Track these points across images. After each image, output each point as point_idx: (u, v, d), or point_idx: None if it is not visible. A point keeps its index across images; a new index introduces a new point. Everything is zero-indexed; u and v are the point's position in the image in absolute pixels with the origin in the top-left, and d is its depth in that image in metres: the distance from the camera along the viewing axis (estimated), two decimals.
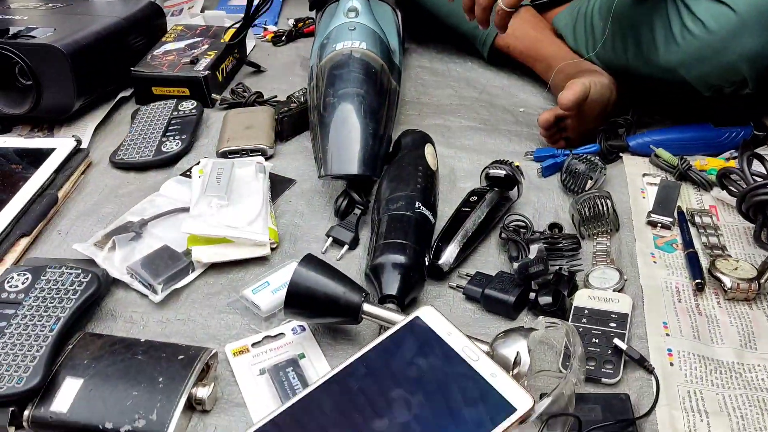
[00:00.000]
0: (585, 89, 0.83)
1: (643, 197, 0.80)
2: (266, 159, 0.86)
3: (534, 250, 0.68)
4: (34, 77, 0.88)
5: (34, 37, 0.91)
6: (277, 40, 1.14)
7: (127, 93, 1.01)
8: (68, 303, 0.62)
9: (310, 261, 0.61)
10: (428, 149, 0.80)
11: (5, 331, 0.59)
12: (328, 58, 0.85)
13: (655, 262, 0.70)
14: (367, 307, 0.60)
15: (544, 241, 0.70)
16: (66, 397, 0.56)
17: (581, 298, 0.65)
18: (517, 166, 0.79)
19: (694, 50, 0.77)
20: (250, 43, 1.12)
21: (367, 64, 0.83)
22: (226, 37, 1.05)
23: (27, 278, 0.64)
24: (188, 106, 0.94)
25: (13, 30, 0.95)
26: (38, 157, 0.84)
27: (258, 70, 1.00)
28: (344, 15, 0.88)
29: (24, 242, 0.74)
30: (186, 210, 0.77)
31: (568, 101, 0.81)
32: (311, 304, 0.60)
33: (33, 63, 0.87)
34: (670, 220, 0.75)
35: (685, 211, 0.77)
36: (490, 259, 0.73)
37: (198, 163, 0.84)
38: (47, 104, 0.90)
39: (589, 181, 0.80)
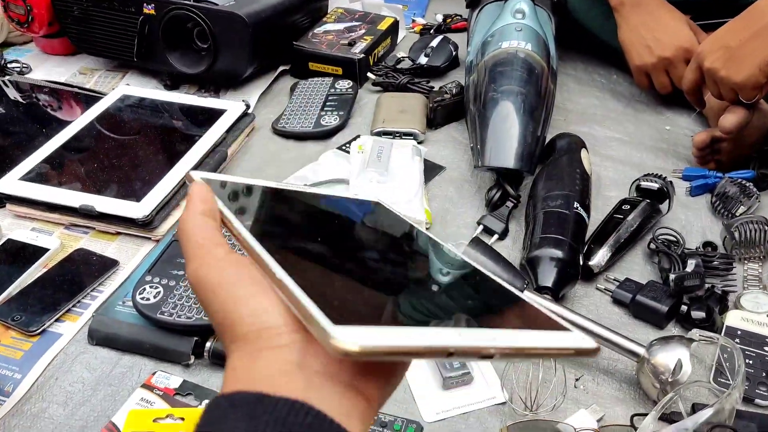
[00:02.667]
0: (748, 114, 0.82)
1: None
2: (418, 143, 0.90)
3: (691, 264, 0.69)
4: (214, 41, 0.94)
5: (216, 4, 0.98)
6: (425, 32, 1.18)
7: (286, 67, 1.07)
8: None
9: (478, 243, 0.64)
10: (584, 154, 0.82)
11: None
12: (492, 55, 0.88)
13: None
14: (527, 294, 0.63)
15: (700, 257, 0.71)
16: None
17: (734, 318, 0.66)
18: (670, 181, 0.80)
19: None
20: (400, 34, 1.16)
21: (530, 64, 0.86)
22: (383, 26, 1.09)
23: None
24: (345, 85, 0.99)
25: None
26: (211, 115, 0.90)
27: (413, 63, 1.05)
28: (511, 15, 0.91)
29: None
30: (344, 182, 0.81)
31: (730, 125, 0.81)
32: None
33: (215, 28, 0.94)
34: None
35: None
36: (636, 267, 0.74)
37: (355, 139, 0.88)
38: (221, 68, 0.97)
39: (741, 207, 0.80)
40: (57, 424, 0.58)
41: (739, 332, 0.64)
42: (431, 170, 0.86)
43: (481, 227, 0.78)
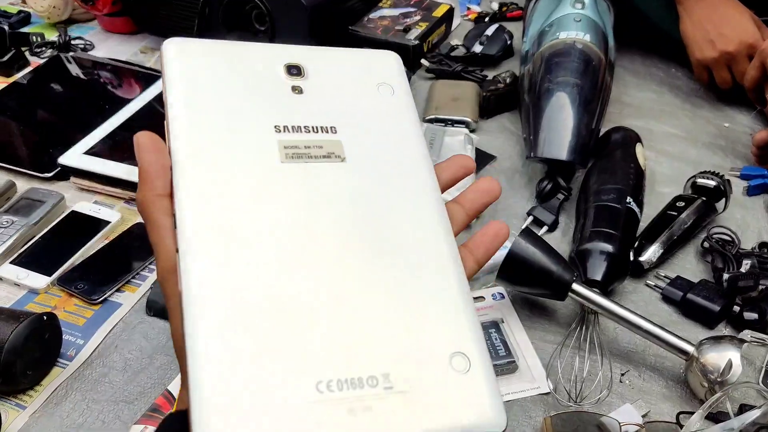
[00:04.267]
0: None
1: None
2: (470, 132, 0.90)
3: (746, 265, 0.67)
4: (272, 24, 0.96)
5: None
6: (480, 20, 1.17)
7: None
8: None
9: (529, 234, 0.65)
10: (639, 148, 0.80)
11: None
12: (548, 45, 0.87)
13: None
14: (576, 286, 0.63)
15: (756, 257, 0.69)
16: None
17: None
18: (728, 180, 0.78)
19: None
20: (455, 21, 1.16)
21: (588, 56, 0.85)
22: (438, 12, 1.09)
23: None
24: None
25: None
26: None
27: (467, 51, 1.04)
28: (570, 5, 0.90)
29: None
30: None
31: None
32: (525, 274, 0.63)
33: (273, 11, 0.95)
34: None
35: None
36: (688, 266, 0.73)
37: None
38: None
39: None
40: (116, 389, 0.61)
41: None
42: (483, 159, 0.87)
43: (531, 218, 0.78)
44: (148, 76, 1.02)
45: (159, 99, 0.94)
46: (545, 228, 0.77)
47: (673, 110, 0.99)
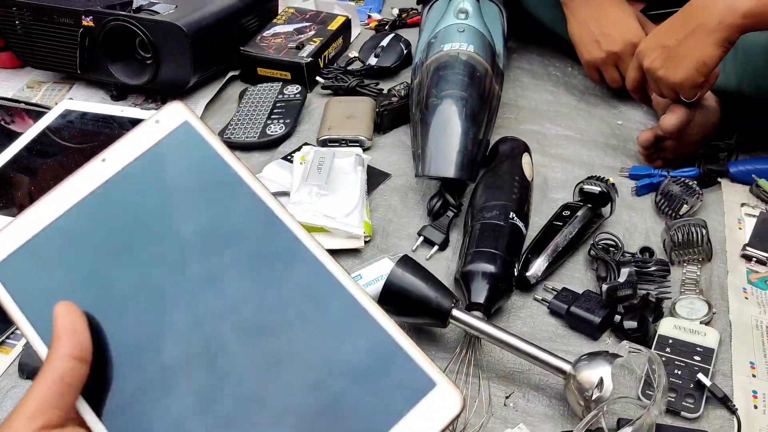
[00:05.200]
0: (688, 114, 0.81)
1: (740, 228, 0.79)
2: (364, 150, 0.89)
3: (624, 273, 0.68)
4: (155, 51, 0.93)
5: (156, 12, 0.97)
6: (381, 28, 1.16)
7: (236, 72, 1.06)
8: None
9: (407, 262, 0.64)
10: (525, 159, 0.81)
11: None
12: (434, 58, 0.86)
13: (746, 298, 0.70)
14: (456, 312, 0.63)
15: (635, 264, 0.70)
16: None
17: (666, 327, 0.66)
18: (612, 184, 0.79)
19: None
20: (354, 31, 1.14)
21: (472, 67, 0.84)
22: (333, 25, 1.08)
23: None
24: (293, 90, 0.98)
25: (136, 3, 1.01)
26: None
27: (363, 64, 1.03)
28: (454, 15, 0.89)
29: None
30: (286, 194, 0.81)
31: (670, 125, 0.80)
32: (404, 304, 0.63)
33: (155, 38, 0.92)
34: (767, 255, 0.74)
35: None
36: (577, 275, 0.74)
37: (299, 149, 0.88)
38: (165, 78, 0.95)
39: (685, 206, 0.79)
40: None
41: (670, 341, 0.64)
42: (376, 178, 0.86)
43: (421, 238, 0.77)
44: (37, 112, 0.98)
45: (49, 132, 0.90)
46: (435, 248, 0.76)
47: (568, 111, 0.99)
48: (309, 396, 0.27)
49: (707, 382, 0.60)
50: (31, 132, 0.89)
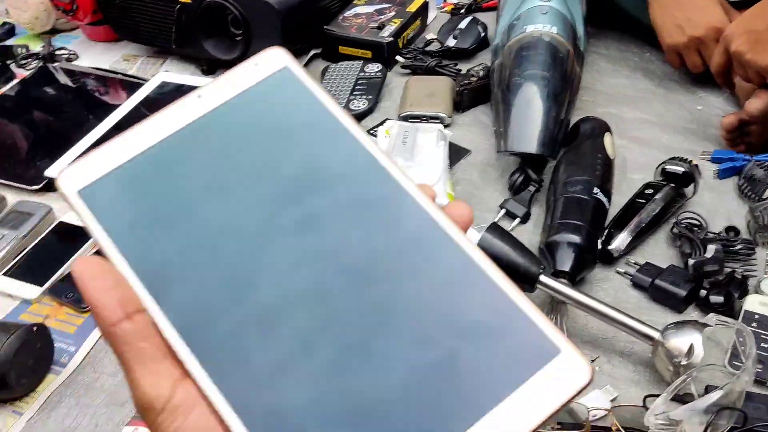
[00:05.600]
0: None
1: None
2: (444, 127, 0.92)
3: (711, 250, 0.69)
4: (247, 28, 0.98)
5: None
6: (456, 12, 1.18)
7: (317, 50, 1.09)
8: None
9: (496, 229, 0.67)
10: (607, 138, 0.82)
11: None
12: (516, 39, 0.88)
13: None
14: (543, 278, 0.65)
15: (720, 242, 0.71)
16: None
17: (753, 303, 0.67)
18: (696, 165, 0.80)
19: None
20: (431, 14, 1.17)
21: (555, 48, 0.86)
22: (412, 7, 1.11)
23: None
24: (374, 68, 1.01)
25: None
26: None
27: (441, 45, 1.06)
28: None
29: None
30: None
31: (756, 110, 0.81)
32: None
33: (248, 15, 0.97)
34: None
35: None
36: (658, 251, 0.75)
37: (382, 123, 0.91)
38: (254, 53, 0.99)
39: None
40: (108, 393, 0.64)
41: (756, 317, 0.65)
42: (456, 154, 0.88)
43: (503, 211, 0.80)
44: (132, 84, 1.04)
45: (145, 103, 0.96)
46: (517, 220, 0.79)
47: (645, 95, 1.00)
48: (420, 350, 0.25)
49: None
50: (131, 101, 0.95)
